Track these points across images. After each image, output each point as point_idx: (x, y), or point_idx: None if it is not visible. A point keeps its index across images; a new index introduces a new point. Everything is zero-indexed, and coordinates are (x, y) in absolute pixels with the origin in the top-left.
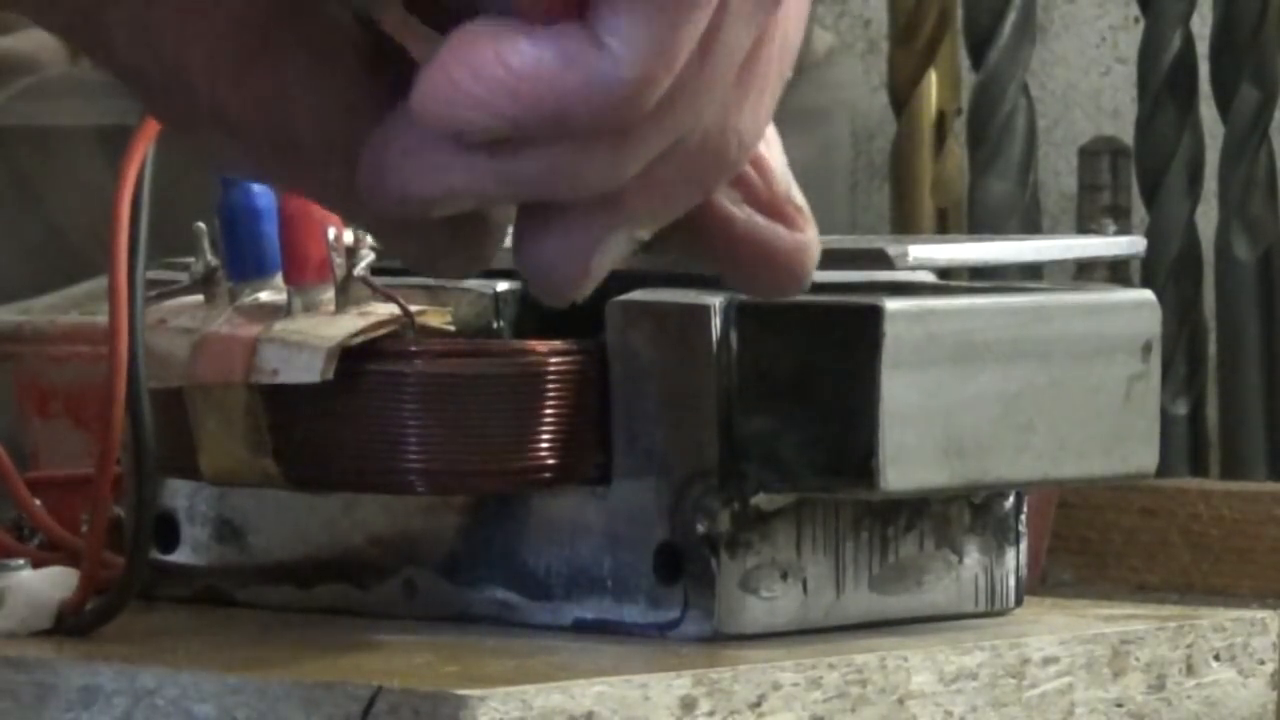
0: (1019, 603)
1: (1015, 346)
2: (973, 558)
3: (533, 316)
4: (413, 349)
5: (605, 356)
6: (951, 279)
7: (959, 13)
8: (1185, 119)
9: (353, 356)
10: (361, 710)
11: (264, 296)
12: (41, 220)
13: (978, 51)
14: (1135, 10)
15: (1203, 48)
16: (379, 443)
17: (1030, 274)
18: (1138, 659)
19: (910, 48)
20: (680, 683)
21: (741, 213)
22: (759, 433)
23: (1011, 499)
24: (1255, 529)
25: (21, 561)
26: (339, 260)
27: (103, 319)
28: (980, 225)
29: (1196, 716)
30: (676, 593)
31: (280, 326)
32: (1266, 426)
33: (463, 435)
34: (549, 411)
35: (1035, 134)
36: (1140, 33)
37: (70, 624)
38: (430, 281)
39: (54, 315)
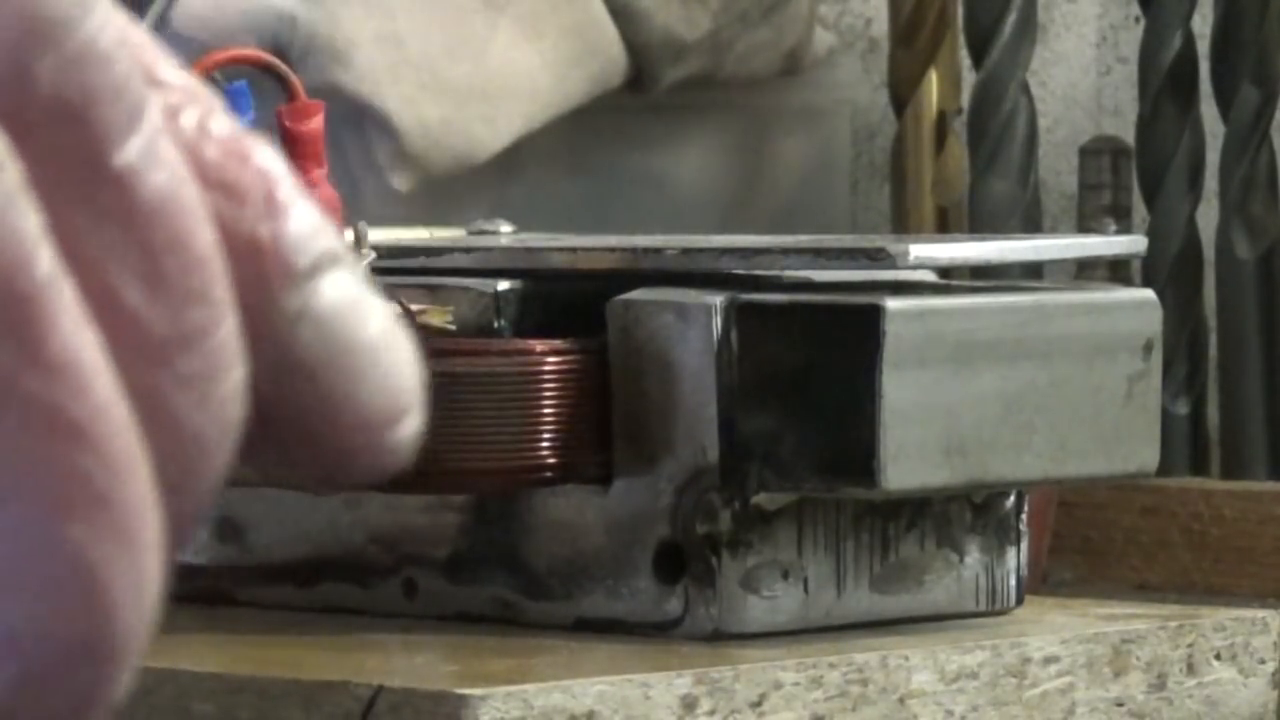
0: (1020, 602)
1: (1016, 346)
2: (974, 557)
3: (533, 316)
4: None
5: (605, 356)
6: (952, 278)
7: (959, 12)
8: (1186, 118)
9: None
10: (362, 710)
11: None
12: None
13: (978, 51)
14: (1136, 9)
15: (1203, 47)
16: None
17: (1031, 273)
18: (1138, 658)
19: (910, 47)
20: (681, 682)
21: None
22: (759, 432)
23: (1012, 498)
24: (1256, 528)
25: None
26: None
27: None
28: (981, 225)
29: (1197, 716)
30: (677, 592)
31: None
32: (1267, 426)
33: (463, 435)
34: (549, 411)
35: (1036, 133)
36: (1141, 32)
37: None
38: (431, 280)
39: None
